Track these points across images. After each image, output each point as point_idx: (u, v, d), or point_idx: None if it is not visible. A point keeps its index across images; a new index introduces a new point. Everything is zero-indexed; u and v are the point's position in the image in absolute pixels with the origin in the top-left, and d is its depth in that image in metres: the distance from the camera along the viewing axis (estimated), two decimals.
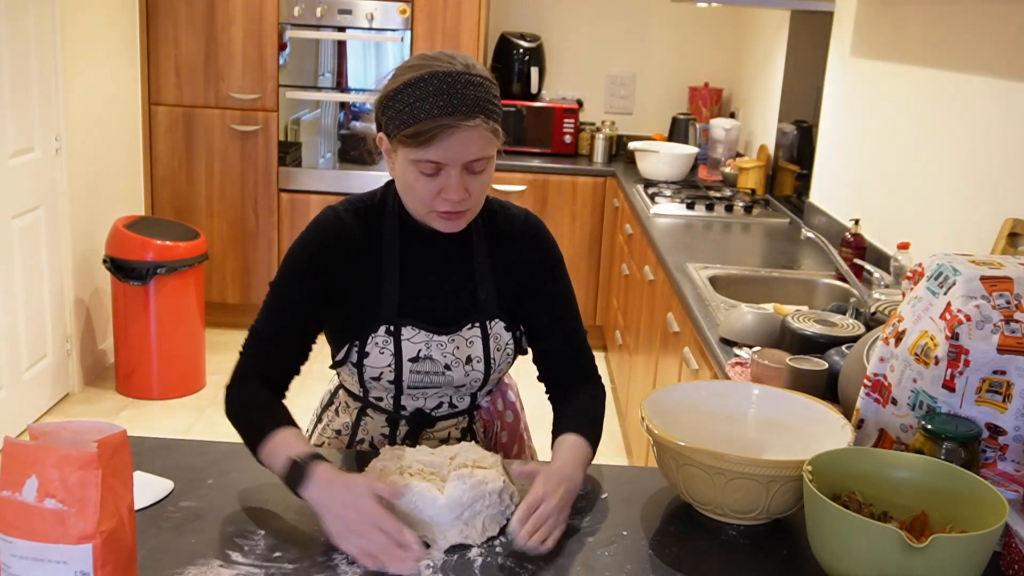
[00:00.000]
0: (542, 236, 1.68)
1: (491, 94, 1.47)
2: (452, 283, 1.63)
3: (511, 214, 1.67)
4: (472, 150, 1.45)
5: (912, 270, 1.53)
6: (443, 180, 1.47)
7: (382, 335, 1.59)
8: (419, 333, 1.59)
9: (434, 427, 1.70)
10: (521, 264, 1.65)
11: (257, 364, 1.57)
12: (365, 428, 1.72)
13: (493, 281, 1.63)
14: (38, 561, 1.05)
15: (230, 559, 1.30)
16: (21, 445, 1.06)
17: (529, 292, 1.66)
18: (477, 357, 1.62)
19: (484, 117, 1.44)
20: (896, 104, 2.94)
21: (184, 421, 4.02)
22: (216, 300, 4.87)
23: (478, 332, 1.62)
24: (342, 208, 1.60)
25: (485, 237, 1.64)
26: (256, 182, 4.78)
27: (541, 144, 4.95)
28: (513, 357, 1.68)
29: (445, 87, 1.43)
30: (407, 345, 1.59)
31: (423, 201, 1.50)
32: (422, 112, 1.42)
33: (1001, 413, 1.39)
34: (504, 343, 1.65)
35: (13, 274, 3.66)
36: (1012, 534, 1.32)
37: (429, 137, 1.43)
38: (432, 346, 1.60)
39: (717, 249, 3.29)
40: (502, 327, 1.64)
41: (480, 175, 1.49)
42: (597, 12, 5.23)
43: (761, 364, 1.92)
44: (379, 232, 1.60)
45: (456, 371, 1.62)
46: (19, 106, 3.63)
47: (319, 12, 4.61)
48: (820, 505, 1.24)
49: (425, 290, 1.61)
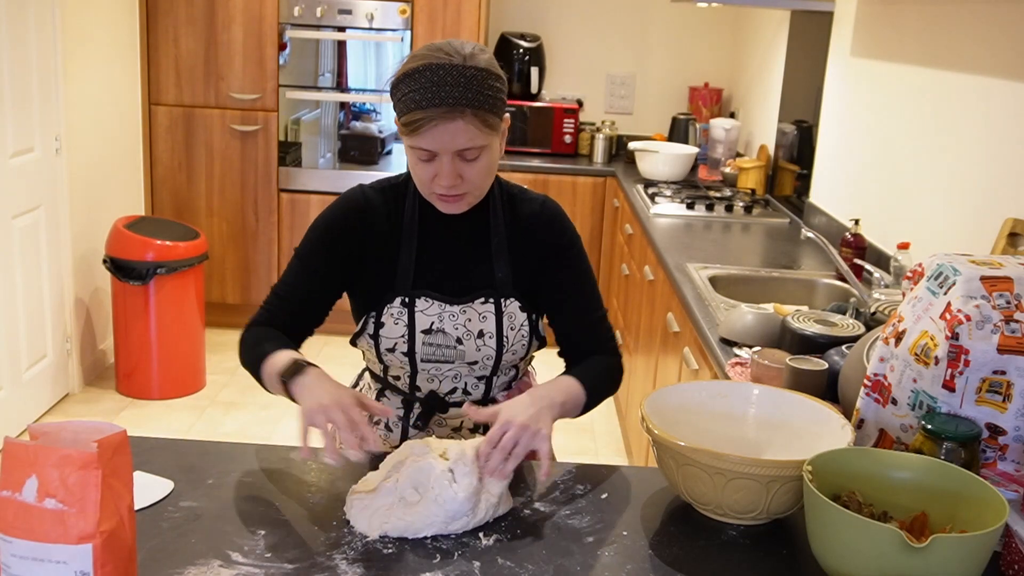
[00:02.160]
0: (559, 219, 1.74)
1: (486, 84, 1.52)
2: (469, 259, 1.69)
3: (529, 198, 1.74)
4: (459, 140, 1.51)
5: (912, 270, 1.53)
6: (437, 165, 1.54)
7: (397, 306, 1.66)
8: (432, 304, 1.66)
9: (447, 412, 1.74)
10: (537, 246, 1.70)
11: (272, 317, 1.69)
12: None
13: (510, 261, 1.69)
14: (38, 561, 1.05)
15: (230, 559, 1.30)
16: (21, 445, 1.06)
17: (546, 273, 1.71)
18: (489, 332, 1.67)
19: (473, 108, 1.49)
20: (896, 104, 2.94)
21: (184, 421, 4.02)
22: (216, 300, 4.87)
23: (491, 308, 1.68)
24: (369, 186, 1.71)
25: (503, 219, 1.70)
26: (256, 182, 4.78)
27: (541, 144, 4.96)
28: (529, 340, 1.72)
29: (436, 79, 1.49)
30: (420, 316, 1.66)
31: (423, 184, 1.59)
32: (413, 102, 1.50)
33: (1001, 413, 1.39)
34: (519, 323, 1.69)
35: (13, 274, 3.66)
36: (1012, 534, 1.32)
37: (416, 127, 1.51)
38: (445, 317, 1.66)
39: (717, 249, 3.29)
40: (517, 307, 1.69)
41: (474, 162, 1.55)
42: (597, 12, 5.23)
43: (761, 364, 1.92)
44: (400, 209, 1.69)
45: (468, 344, 1.67)
46: (19, 106, 3.63)
47: (319, 12, 4.61)
48: (820, 505, 1.24)
49: (441, 266, 1.69)
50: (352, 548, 1.34)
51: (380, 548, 1.34)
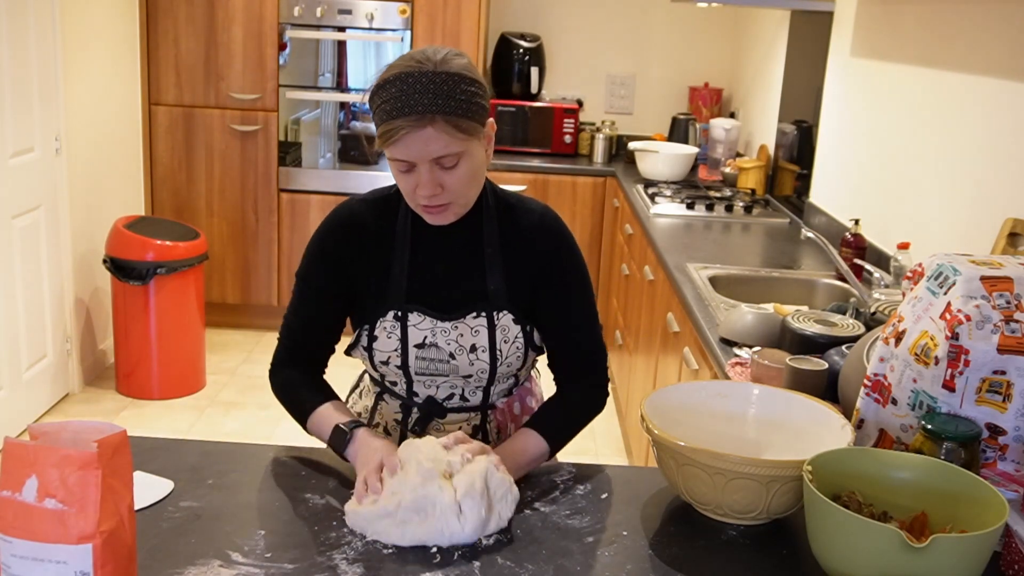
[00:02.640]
0: (558, 231, 1.70)
1: (459, 89, 1.49)
2: (460, 273, 1.66)
3: (528, 208, 1.70)
4: (433, 148, 1.48)
5: (912, 270, 1.53)
6: (416, 176, 1.52)
7: (390, 320, 1.64)
8: (424, 319, 1.64)
9: (445, 418, 1.73)
10: (534, 257, 1.67)
11: (291, 353, 1.71)
12: (381, 413, 1.78)
13: (503, 273, 1.66)
14: (38, 561, 1.05)
15: (230, 559, 1.30)
16: (21, 445, 1.06)
17: (543, 286, 1.68)
18: (482, 347, 1.65)
19: (444, 114, 1.47)
20: (896, 104, 2.94)
21: (184, 421, 4.02)
22: (216, 300, 4.86)
23: (484, 322, 1.65)
24: (358, 200, 1.69)
25: (498, 229, 1.67)
26: (256, 182, 4.78)
27: (541, 144, 4.95)
28: (525, 352, 1.69)
29: (405, 88, 1.47)
30: (413, 331, 1.64)
31: (407, 195, 1.57)
32: (384, 113, 1.49)
33: (1001, 413, 1.39)
34: (512, 336, 1.66)
35: (13, 274, 3.66)
36: (1012, 534, 1.32)
37: (390, 138, 1.49)
38: (437, 332, 1.64)
39: (717, 249, 3.29)
40: (510, 319, 1.66)
41: (453, 170, 1.52)
42: (597, 12, 5.23)
43: (761, 364, 1.92)
44: (392, 222, 1.66)
45: (460, 359, 1.65)
46: (19, 106, 3.63)
47: (319, 12, 4.61)
48: (820, 505, 1.24)
49: (433, 278, 1.66)
50: (352, 548, 1.34)
51: (380, 548, 1.34)
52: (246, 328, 4.96)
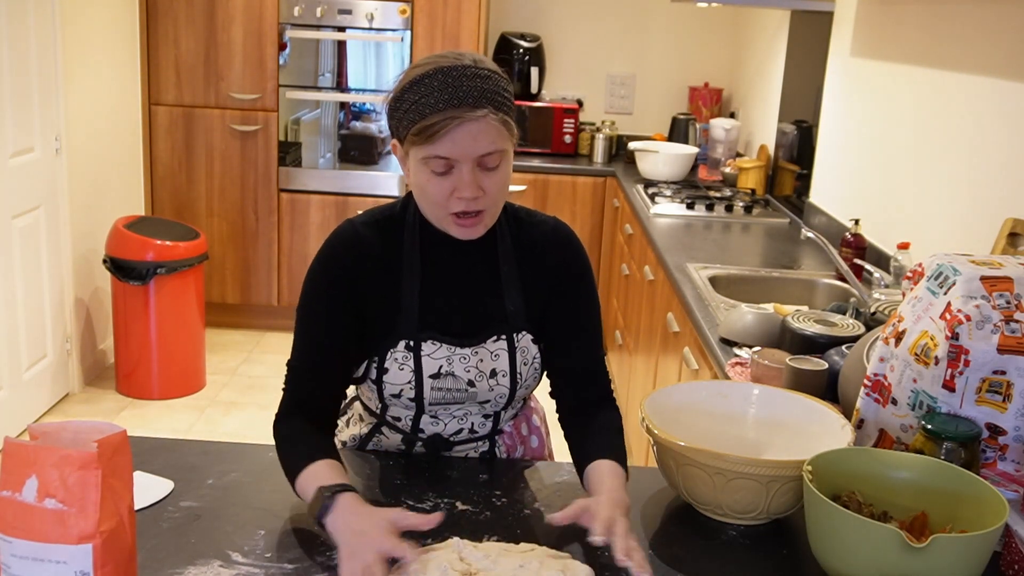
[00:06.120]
0: (571, 243, 1.61)
1: (499, 87, 1.43)
2: (477, 294, 1.56)
3: (539, 220, 1.61)
4: (482, 143, 1.40)
5: (912, 270, 1.53)
6: (455, 178, 1.41)
7: (401, 350, 1.52)
8: (440, 348, 1.52)
9: (451, 451, 1.64)
10: (547, 271, 1.58)
11: (298, 398, 1.53)
12: (378, 443, 1.66)
13: (521, 291, 1.56)
14: (38, 561, 1.05)
15: (230, 559, 1.30)
16: (21, 445, 1.05)
17: (555, 302, 1.58)
18: (503, 371, 1.55)
19: (492, 108, 1.39)
20: (896, 104, 2.94)
21: (184, 421, 4.02)
22: (216, 300, 4.86)
23: (504, 345, 1.55)
24: (360, 221, 1.55)
25: (512, 245, 1.57)
26: (256, 182, 4.78)
27: (541, 144, 4.95)
28: (540, 372, 1.60)
29: (451, 80, 1.39)
30: (427, 361, 1.52)
31: (438, 203, 1.44)
32: (427, 107, 1.38)
33: (1001, 413, 1.39)
34: (531, 356, 1.57)
35: (13, 274, 3.66)
36: (1012, 534, 1.32)
37: (435, 131, 1.38)
38: (454, 361, 1.53)
39: (717, 249, 3.29)
40: (529, 339, 1.57)
41: (494, 172, 1.43)
42: (597, 12, 5.23)
43: (761, 364, 1.92)
44: (399, 244, 1.53)
45: (480, 386, 1.55)
46: (19, 106, 3.63)
47: (319, 12, 4.61)
48: (820, 505, 1.24)
49: (448, 302, 1.54)
50: None
51: None
52: (246, 328, 4.96)
